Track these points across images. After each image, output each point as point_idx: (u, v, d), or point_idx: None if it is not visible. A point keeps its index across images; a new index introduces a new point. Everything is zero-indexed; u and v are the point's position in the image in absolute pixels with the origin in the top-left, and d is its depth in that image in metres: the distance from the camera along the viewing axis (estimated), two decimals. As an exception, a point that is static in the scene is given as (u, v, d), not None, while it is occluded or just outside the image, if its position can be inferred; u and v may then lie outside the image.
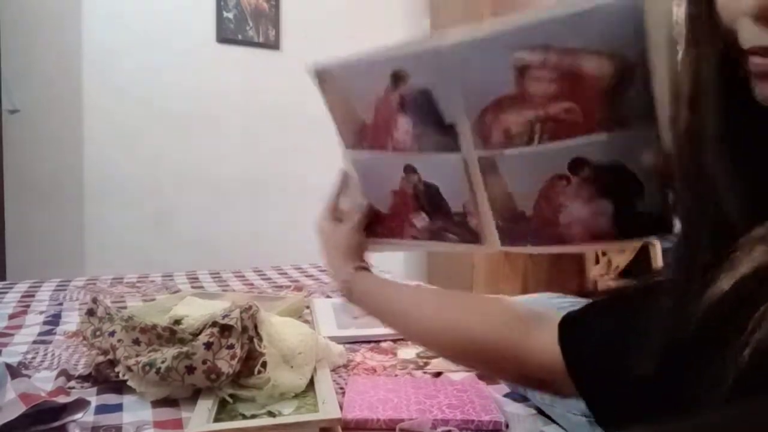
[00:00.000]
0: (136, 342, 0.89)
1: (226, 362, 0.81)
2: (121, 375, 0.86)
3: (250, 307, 0.86)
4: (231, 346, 0.82)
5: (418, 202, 0.71)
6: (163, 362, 0.81)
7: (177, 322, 0.93)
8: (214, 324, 0.84)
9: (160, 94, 2.67)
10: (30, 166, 2.46)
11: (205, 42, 2.76)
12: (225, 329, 0.83)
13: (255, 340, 0.85)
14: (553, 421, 0.79)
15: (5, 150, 2.24)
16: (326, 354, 0.97)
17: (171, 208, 2.72)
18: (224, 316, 0.84)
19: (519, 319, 0.55)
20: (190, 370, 0.80)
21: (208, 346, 0.81)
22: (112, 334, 0.90)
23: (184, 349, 0.82)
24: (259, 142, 2.90)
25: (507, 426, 0.77)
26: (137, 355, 0.86)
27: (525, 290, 2.66)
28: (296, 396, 0.83)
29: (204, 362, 0.80)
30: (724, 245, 0.35)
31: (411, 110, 0.63)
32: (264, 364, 0.83)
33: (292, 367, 0.86)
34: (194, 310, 1.05)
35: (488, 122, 0.58)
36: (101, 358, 0.91)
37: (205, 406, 0.78)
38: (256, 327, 0.86)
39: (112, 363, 0.90)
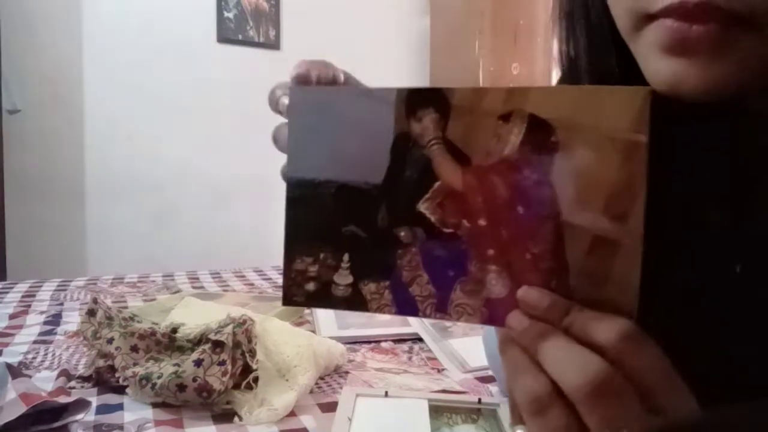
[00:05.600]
0: (134, 349, 0.89)
1: (217, 379, 0.80)
2: (121, 381, 0.87)
3: (245, 321, 0.85)
4: (222, 362, 0.81)
5: None
6: (159, 378, 0.81)
7: (174, 330, 0.92)
8: (207, 340, 0.83)
9: (161, 94, 2.67)
10: (30, 166, 2.46)
11: (206, 42, 2.76)
12: (217, 345, 0.82)
13: (247, 356, 0.83)
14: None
15: (5, 149, 2.23)
16: (329, 361, 0.96)
17: (172, 207, 2.72)
18: (216, 332, 0.83)
19: None
20: (182, 388, 0.80)
21: (198, 363, 0.80)
22: (110, 341, 0.90)
23: (175, 369, 0.81)
24: (260, 142, 2.89)
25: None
26: (135, 364, 0.86)
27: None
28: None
29: (194, 380, 0.79)
30: None
31: None
32: (256, 380, 0.82)
33: (287, 380, 0.86)
34: (192, 318, 1.04)
35: None
36: (101, 362, 0.91)
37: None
38: (250, 341, 0.85)
39: (113, 368, 0.89)
